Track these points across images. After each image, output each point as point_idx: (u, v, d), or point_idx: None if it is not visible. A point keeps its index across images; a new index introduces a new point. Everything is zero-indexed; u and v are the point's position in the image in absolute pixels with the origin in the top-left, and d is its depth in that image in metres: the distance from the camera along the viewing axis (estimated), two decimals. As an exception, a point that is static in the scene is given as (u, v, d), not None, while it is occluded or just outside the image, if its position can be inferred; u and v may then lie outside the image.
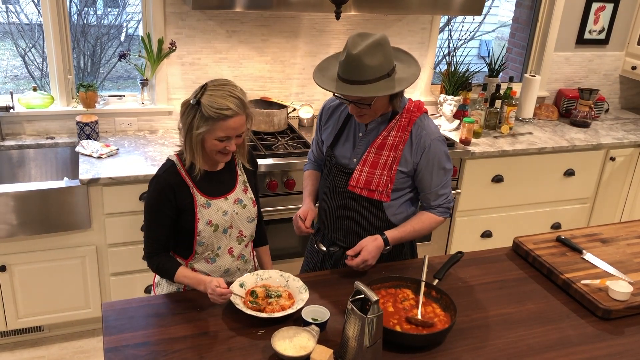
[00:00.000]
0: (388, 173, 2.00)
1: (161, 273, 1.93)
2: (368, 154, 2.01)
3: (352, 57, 1.81)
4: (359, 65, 1.81)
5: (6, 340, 2.98)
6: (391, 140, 1.99)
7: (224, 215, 1.93)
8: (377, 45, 1.82)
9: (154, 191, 1.87)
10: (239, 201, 1.98)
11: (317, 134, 2.25)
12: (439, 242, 3.52)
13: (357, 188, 2.03)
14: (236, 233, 1.99)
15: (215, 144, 1.82)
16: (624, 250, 2.25)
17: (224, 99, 1.77)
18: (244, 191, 2.01)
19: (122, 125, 3.28)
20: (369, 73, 1.82)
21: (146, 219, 1.91)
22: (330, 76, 1.93)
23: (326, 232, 2.20)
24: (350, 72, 1.83)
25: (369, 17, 3.50)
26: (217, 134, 1.79)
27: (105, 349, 1.62)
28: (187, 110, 1.81)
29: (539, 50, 4.08)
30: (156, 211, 1.87)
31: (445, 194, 2.07)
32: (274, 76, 3.48)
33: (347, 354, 1.56)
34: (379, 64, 1.83)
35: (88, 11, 6.52)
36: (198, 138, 1.80)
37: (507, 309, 1.90)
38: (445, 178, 2.05)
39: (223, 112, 1.76)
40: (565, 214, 3.81)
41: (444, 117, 3.64)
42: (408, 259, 2.21)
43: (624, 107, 4.53)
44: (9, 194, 2.62)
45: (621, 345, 1.77)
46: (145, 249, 1.92)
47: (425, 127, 2.00)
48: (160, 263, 1.90)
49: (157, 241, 1.90)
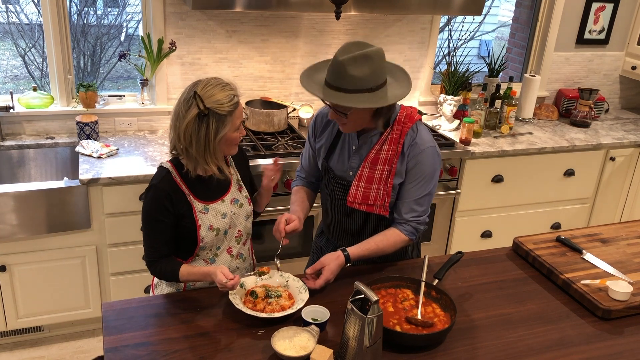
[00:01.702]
0: (384, 187, 1.97)
1: (165, 277, 1.92)
2: (363, 169, 1.98)
3: (337, 64, 1.78)
4: (341, 72, 1.77)
5: (6, 340, 2.98)
6: (384, 155, 1.95)
7: (223, 218, 1.93)
8: (366, 57, 1.76)
9: (151, 200, 1.85)
10: (235, 201, 1.98)
11: (309, 144, 2.18)
12: (439, 242, 3.52)
13: (356, 204, 2.01)
14: (235, 233, 1.99)
15: (234, 137, 1.84)
16: (624, 250, 2.25)
17: (222, 91, 1.77)
18: (239, 190, 2.01)
19: (122, 125, 3.28)
20: (350, 83, 1.77)
21: (145, 227, 1.89)
22: (319, 78, 1.88)
23: (330, 237, 2.20)
24: (333, 77, 1.80)
25: (369, 17, 3.50)
26: (235, 123, 1.82)
27: (105, 349, 1.62)
28: (199, 124, 1.76)
29: (539, 50, 4.08)
30: (155, 220, 1.85)
31: (418, 213, 1.99)
32: (274, 76, 3.48)
33: (347, 354, 1.56)
34: (363, 76, 1.77)
35: (88, 11, 6.52)
36: (220, 141, 1.80)
37: (507, 309, 1.90)
38: (423, 191, 1.97)
39: (234, 100, 1.78)
40: (565, 214, 3.81)
41: (444, 117, 3.64)
42: (415, 258, 2.20)
43: (624, 107, 4.53)
44: (9, 194, 2.62)
45: (621, 345, 1.77)
46: (146, 257, 1.91)
47: (417, 137, 1.95)
48: (161, 269, 1.89)
49: (156, 249, 1.89)
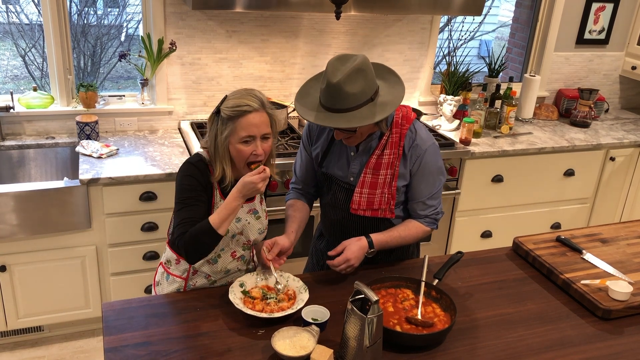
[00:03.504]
0: (389, 190, 1.97)
1: (196, 240, 1.74)
2: (365, 175, 1.97)
3: (333, 86, 1.75)
4: (340, 93, 1.75)
5: (6, 340, 2.98)
6: (386, 159, 1.95)
7: (237, 222, 1.91)
8: (358, 71, 1.75)
9: (186, 173, 1.82)
10: (254, 212, 1.96)
11: (305, 151, 2.13)
12: (439, 242, 3.52)
13: (360, 210, 2.00)
14: (244, 240, 1.97)
15: (242, 150, 1.78)
16: (624, 250, 2.25)
17: (241, 98, 1.78)
18: (260, 202, 1.99)
19: (122, 125, 3.28)
20: (351, 100, 1.76)
21: (180, 201, 1.81)
22: (312, 102, 1.85)
23: (330, 239, 2.19)
24: (332, 101, 1.78)
25: (369, 17, 3.50)
26: (239, 134, 1.76)
27: (105, 349, 1.62)
28: (212, 123, 1.81)
29: (539, 50, 4.08)
30: (189, 192, 1.80)
31: (434, 206, 2.03)
32: (274, 76, 3.48)
33: (347, 354, 1.56)
34: (361, 90, 1.76)
35: (88, 11, 6.52)
36: (225, 144, 1.79)
37: (507, 309, 1.90)
38: (434, 188, 2.00)
39: (241, 108, 1.76)
40: (565, 214, 3.81)
41: (444, 117, 3.64)
42: (415, 257, 2.21)
43: (623, 107, 4.53)
44: (9, 194, 2.62)
45: (621, 345, 1.77)
46: (176, 232, 1.78)
47: (416, 137, 1.95)
48: (190, 232, 1.75)
49: (189, 222, 1.77)
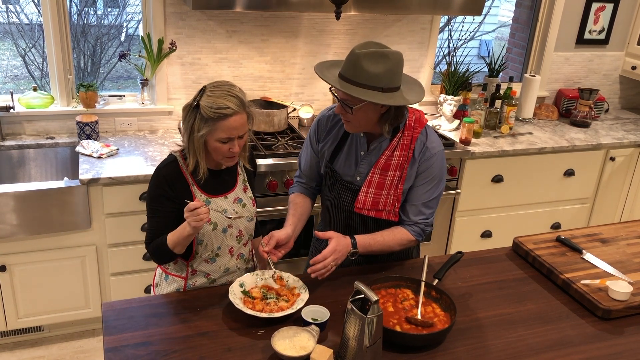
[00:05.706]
0: (395, 192, 1.97)
1: (158, 252, 1.90)
2: (373, 175, 1.96)
3: (354, 56, 1.79)
4: (356, 65, 1.78)
5: (6, 340, 2.98)
6: (395, 161, 1.94)
7: (224, 214, 1.93)
8: (383, 56, 1.77)
9: (153, 183, 1.90)
10: (239, 200, 1.98)
11: (311, 147, 2.13)
12: (439, 242, 3.52)
13: (365, 210, 1.99)
14: (236, 232, 1.99)
15: (219, 147, 1.82)
16: (624, 250, 2.25)
17: (223, 98, 1.77)
18: (244, 190, 2.01)
19: (122, 125, 3.28)
20: (362, 77, 1.77)
21: (147, 209, 1.93)
22: (334, 72, 1.89)
23: None
24: (348, 71, 1.81)
25: (369, 17, 3.50)
26: (218, 135, 1.79)
27: (105, 349, 1.62)
28: (188, 114, 1.82)
29: (539, 50, 4.08)
30: (155, 202, 1.90)
31: (426, 215, 2.00)
32: (274, 76, 3.48)
33: (347, 354, 1.56)
34: (377, 74, 1.76)
35: (88, 11, 6.52)
36: (201, 141, 1.81)
37: (507, 309, 1.90)
38: (432, 195, 1.99)
39: (222, 111, 1.76)
40: (565, 214, 3.81)
41: (444, 117, 3.64)
42: (415, 257, 2.20)
43: (624, 107, 4.53)
44: (9, 194, 2.62)
45: (621, 345, 1.77)
46: (146, 239, 1.95)
47: (427, 142, 1.96)
48: (154, 245, 1.90)
49: (155, 232, 1.91)
